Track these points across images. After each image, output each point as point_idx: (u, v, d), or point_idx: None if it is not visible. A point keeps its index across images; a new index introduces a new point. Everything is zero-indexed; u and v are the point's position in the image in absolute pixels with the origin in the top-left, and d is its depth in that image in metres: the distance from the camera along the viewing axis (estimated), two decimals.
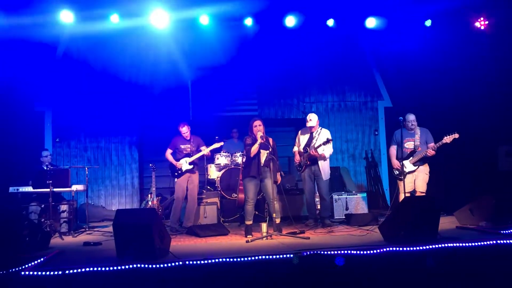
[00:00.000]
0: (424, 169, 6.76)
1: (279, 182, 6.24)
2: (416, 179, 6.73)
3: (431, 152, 6.56)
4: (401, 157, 6.70)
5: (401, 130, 6.64)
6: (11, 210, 6.39)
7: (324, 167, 6.85)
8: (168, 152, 7.16)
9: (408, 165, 6.73)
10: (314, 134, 6.94)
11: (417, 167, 6.71)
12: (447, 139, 6.43)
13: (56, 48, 8.66)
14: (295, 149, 7.17)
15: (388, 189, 9.51)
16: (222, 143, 7.40)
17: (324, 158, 6.81)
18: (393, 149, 6.99)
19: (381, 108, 9.97)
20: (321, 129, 6.99)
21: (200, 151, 7.11)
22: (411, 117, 6.83)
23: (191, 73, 9.34)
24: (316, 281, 4.14)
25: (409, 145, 6.79)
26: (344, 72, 9.88)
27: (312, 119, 6.95)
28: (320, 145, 6.70)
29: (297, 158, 7.06)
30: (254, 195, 6.09)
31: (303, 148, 6.96)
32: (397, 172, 6.85)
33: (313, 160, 6.85)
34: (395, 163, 6.87)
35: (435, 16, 8.41)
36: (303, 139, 7.06)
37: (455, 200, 6.79)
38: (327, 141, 6.66)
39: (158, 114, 9.44)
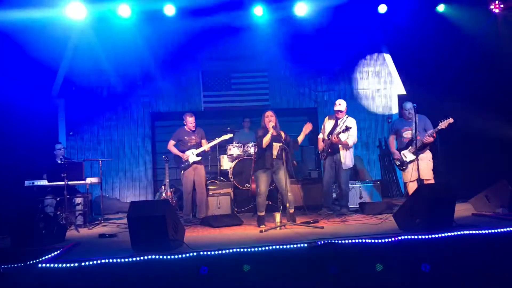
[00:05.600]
0: (426, 156, 6.63)
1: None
2: (420, 168, 6.54)
3: (428, 139, 6.44)
4: (399, 147, 6.62)
5: (416, 117, 6.51)
6: (27, 204, 6.51)
7: (346, 156, 6.73)
8: (171, 144, 7.12)
9: (408, 155, 6.62)
10: (339, 121, 6.81)
11: (417, 155, 6.59)
12: (442, 124, 6.31)
13: (67, 41, 8.67)
14: (320, 136, 7.08)
15: (402, 177, 9.42)
16: (225, 137, 7.26)
17: (346, 146, 6.68)
18: (392, 139, 6.91)
19: (394, 95, 9.86)
20: (347, 117, 6.82)
21: (202, 144, 7.09)
22: (408, 106, 6.68)
23: (202, 63, 9.32)
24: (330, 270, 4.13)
25: (407, 134, 6.68)
26: (356, 60, 9.78)
27: (341, 103, 6.83)
28: (340, 133, 6.61)
29: (320, 144, 6.98)
30: (266, 188, 6.08)
31: (327, 136, 6.85)
32: (399, 163, 6.77)
33: (335, 148, 6.76)
34: (396, 153, 6.79)
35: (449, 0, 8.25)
36: (328, 126, 6.94)
37: (471, 187, 6.70)
38: (346, 129, 6.55)
39: (171, 106, 9.46)
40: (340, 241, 4.33)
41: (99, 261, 4.00)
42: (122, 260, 4.04)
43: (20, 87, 7.87)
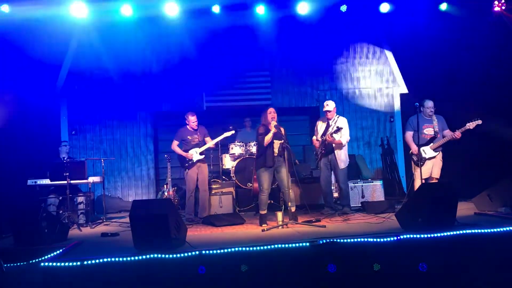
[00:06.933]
0: (440, 156, 6.76)
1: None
2: (434, 166, 6.70)
3: (458, 135, 6.48)
4: (419, 143, 6.63)
5: (417, 116, 6.52)
6: (30, 203, 6.53)
7: (341, 155, 6.77)
8: (175, 144, 7.16)
9: (428, 151, 6.67)
10: (330, 122, 6.86)
11: (437, 153, 6.68)
12: (471, 125, 6.37)
13: (69, 41, 8.67)
14: (314, 138, 7.11)
15: (404, 176, 9.42)
16: (227, 134, 7.29)
17: (340, 145, 6.73)
18: (410, 135, 6.92)
19: (396, 94, 9.85)
20: (338, 117, 6.89)
21: (205, 142, 7.10)
22: (430, 104, 6.77)
23: (204, 62, 9.31)
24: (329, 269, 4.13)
25: (428, 131, 6.74)
26: (358, 58, 9.76)
27: (329, 104, 6.88)
28: (332, 133, 6.65)
29: (316, 145, 7.01)
30: (269, 185, 6.10)
31: (321, 137, 6.89)
32: (416, 159, 6.78)
33: (329, 148, 6.78)
34: (415, 149, 6.79)
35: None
36: (320, 128, 6.99)
37: (473, 186, 6.70)
38: (338, 129, 6.60)
39: (173, 106, 9.46)
40: (342, 240, 4.34)
41: (101, 260, 4.01)
42: (125, 259, 4.05)
43: (22, 87, 7.89)
